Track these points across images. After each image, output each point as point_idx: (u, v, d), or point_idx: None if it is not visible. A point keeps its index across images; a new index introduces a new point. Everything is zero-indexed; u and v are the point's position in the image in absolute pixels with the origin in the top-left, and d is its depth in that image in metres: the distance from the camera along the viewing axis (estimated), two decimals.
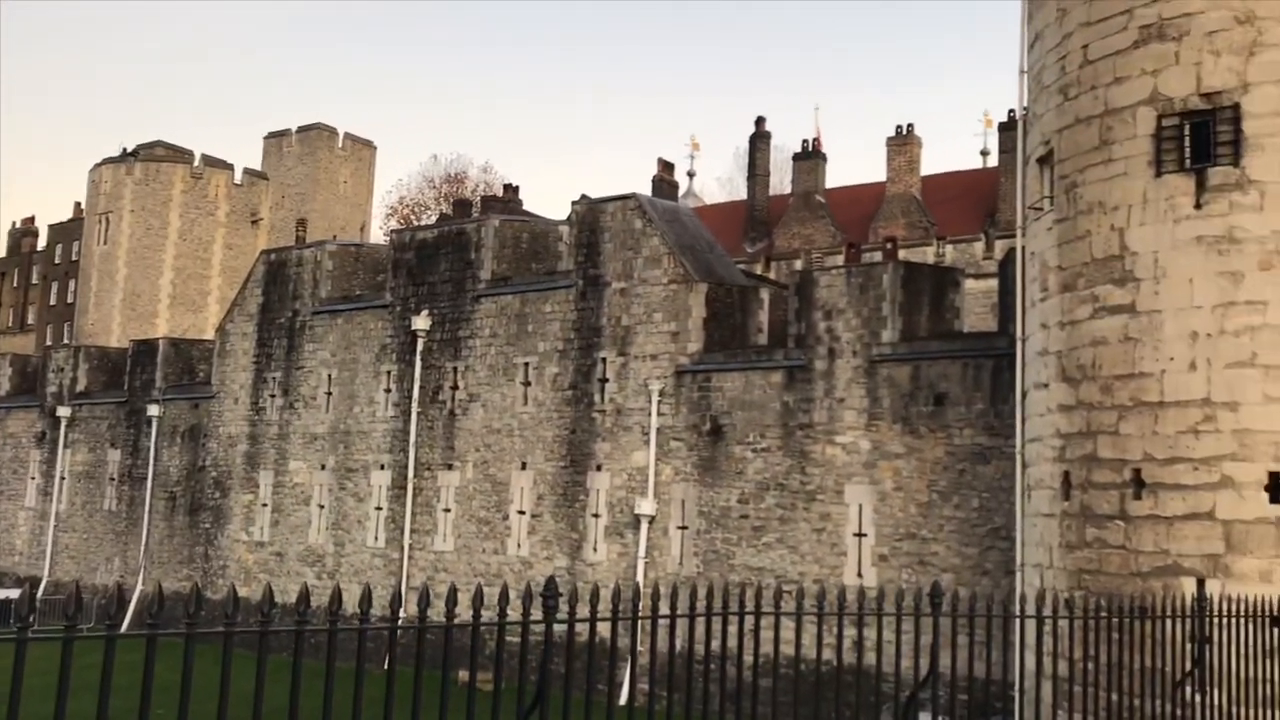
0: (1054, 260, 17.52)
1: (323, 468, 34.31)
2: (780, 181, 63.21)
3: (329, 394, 34.56)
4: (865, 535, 23.42)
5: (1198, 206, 15.60)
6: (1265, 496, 14.68)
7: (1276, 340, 14.90)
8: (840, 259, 46.95)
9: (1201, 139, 15.79)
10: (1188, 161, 15.84)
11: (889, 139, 53.40)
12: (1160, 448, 15.51)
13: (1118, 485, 15.92)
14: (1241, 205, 15.31)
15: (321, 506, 34.18)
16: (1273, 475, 14.67)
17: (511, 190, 50.06)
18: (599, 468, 28.08)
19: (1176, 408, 15.42)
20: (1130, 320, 16.06)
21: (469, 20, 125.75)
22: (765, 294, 28.06)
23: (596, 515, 27.99)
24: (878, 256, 44.67)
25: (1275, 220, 15.11)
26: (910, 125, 52.92)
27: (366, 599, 5.45)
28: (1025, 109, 19.54)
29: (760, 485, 25.19)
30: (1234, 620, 11.88)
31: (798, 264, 49.22)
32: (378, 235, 76.83)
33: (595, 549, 27.88)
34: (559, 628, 6.19)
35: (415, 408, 31.95)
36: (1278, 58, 15.33)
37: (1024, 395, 18.76)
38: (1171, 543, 15.24)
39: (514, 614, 6.03)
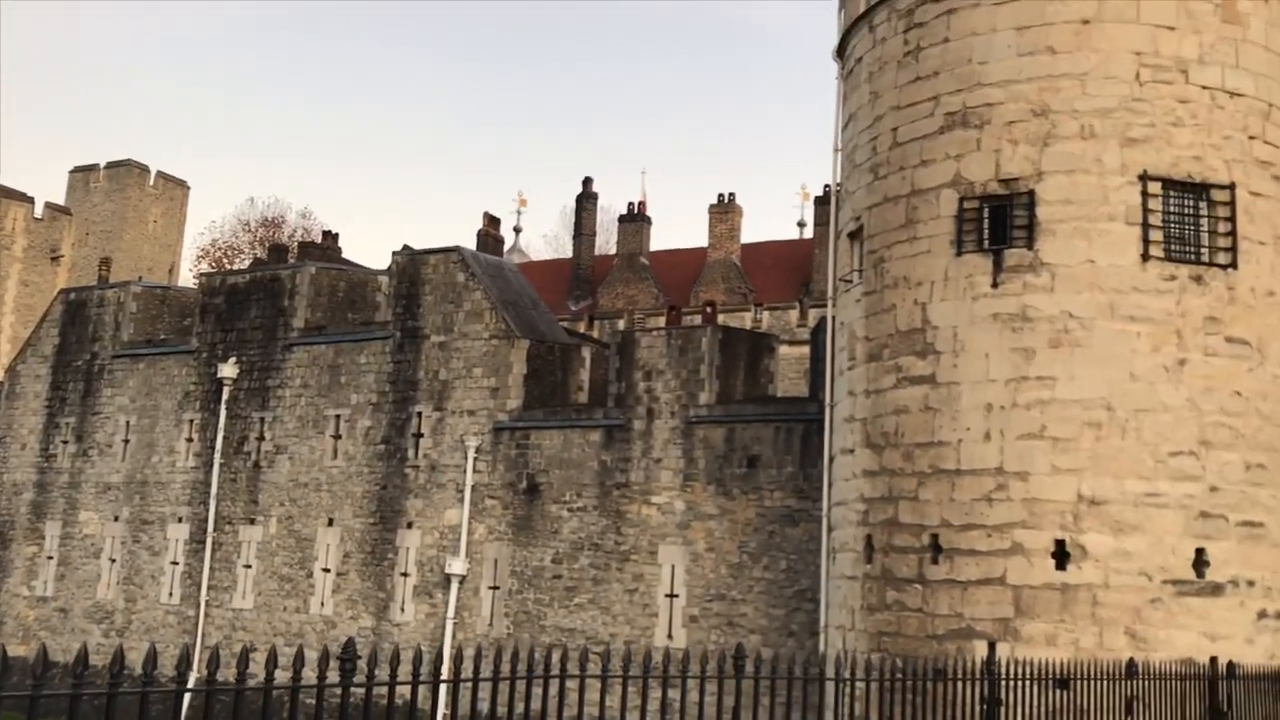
0: (862, 331, 18.18)
1: (116, 519, 32.51)
2: (606, 242, 63.91)
3: (126, 442, 32.88)
4: (677, 596, 23.56)
5: (994, 285, 16.47)
6: (1051, 563, 15.45)
7: (1064, 414, 15.78)
8: (662, 320, 47.63)
9: (999, 222, 16.71)
10: (986, 242, 16.72)
11: (711, 206, 54.69)
12: (957, 514, 16.17)
13: (917, 550, 16.50)
14: (1034, 286, 16.24)
15: (113, 560, 32.34)
16: (1059, 543, 15.46)
17: (331, 237, 49.01)
18: (410, 525, 27.48)
19: (972, 476, 16.13)
20: (931, 390, 16.76)
21: (296, 65, 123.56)
22: (587, 352, 28.17)
23: (405, 574, 27.34)
24: (698, 320, 45.53)
25: (1064, 301, 16.07)
26: (732, 194, 54.38)
27: (151, 659, 5.14)
28: (838, 185, 20.34)
29: (575, 545, 25.09)
30: (1022, 682, 12.40)
31: (620, 324, 49.69)
32: (187, 278, 73.96)
33: (403, 609, 27.19)
34: (358, 691, 5.98)
35: (218, 459, 30.69)
36: (1069, 149, 16.40)
37: (831, 460, 19.32)
38: (966, 606, 15.85)
39: (312, 676, 5.79)
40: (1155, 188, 16.25)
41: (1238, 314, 16.21)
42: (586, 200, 58.41)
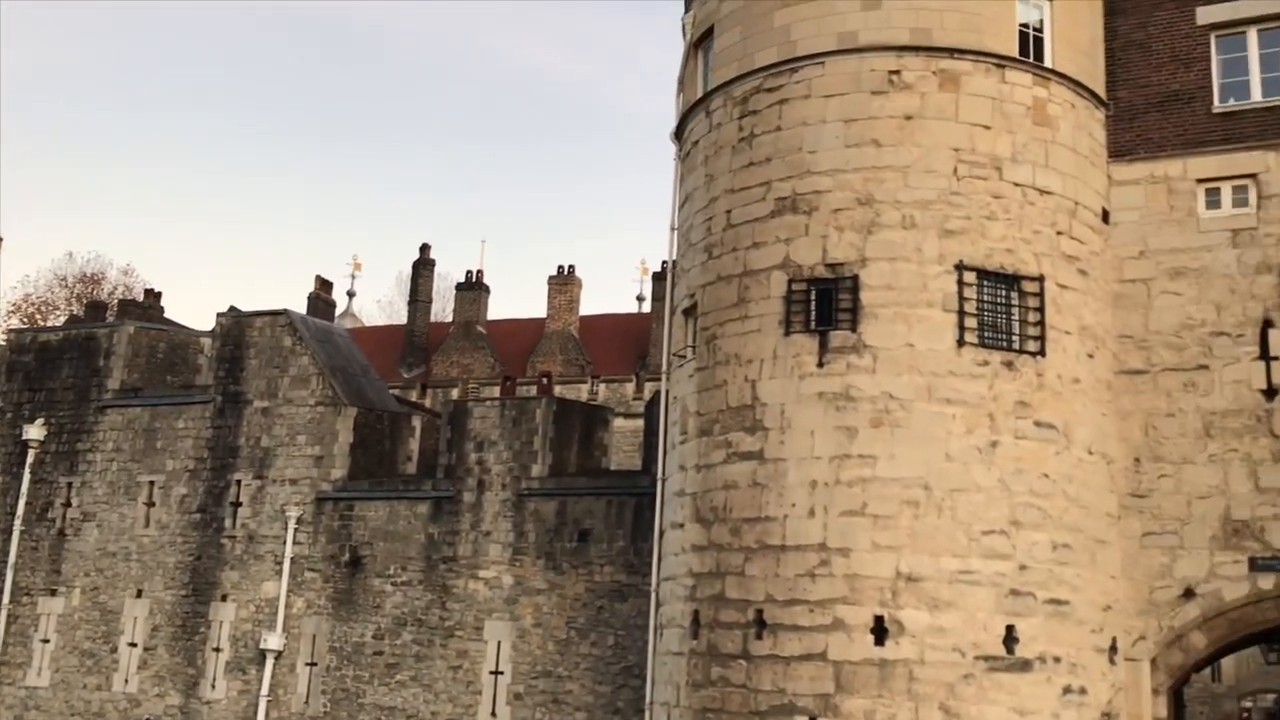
0: (694, 406, 18.40)
1: None
2: (442, 309, 63.33)
3: None
4: (502, 673, 23.10)
5: (820, 365, 16.93)
6: (870, 639, 15.76)
7: (884, 492, 16.24)
8: (496, 391, 47.28)
9: (826, 304, 17.24)
10: (813, 324, 17.21)
11: (551, 278, 54.92)
12: (781, 590, 16.38)
13: (742, 625, 16.62)
14: (857, 367, 16.75)
15: None
16: (878, 619, 15.80)
17: (153, 295, 47.07)
18: (225, 598, 26.28)
19: (797, 551, 16.39)
20: (759, 466, 17.04)
21: (118, 115, 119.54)
22: (417, 421, 27.68)
23: (218, 649, 26.07)
24: (533, 391, 45.37)
25: (885, 382, 16.61)
26: (572, 267, 54.76)
27: None
28: (675, 263, 20.68)
29: (398, 620, 24.40)
30: None
31: (454, 393, 49.10)
32: None
33: (214, 686, 25.88)
34: None
35: (18, 525, 28.84)
36: (891, 237, 17.09)
37: (662, 534, 19.38)
38: (788, 682, 16.00)
39: None
40: (970, 277, 17.03)
41: (1046, 399, 17.02)
42: (424, 266, 57.89)
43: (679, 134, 20.75)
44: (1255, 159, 18.36)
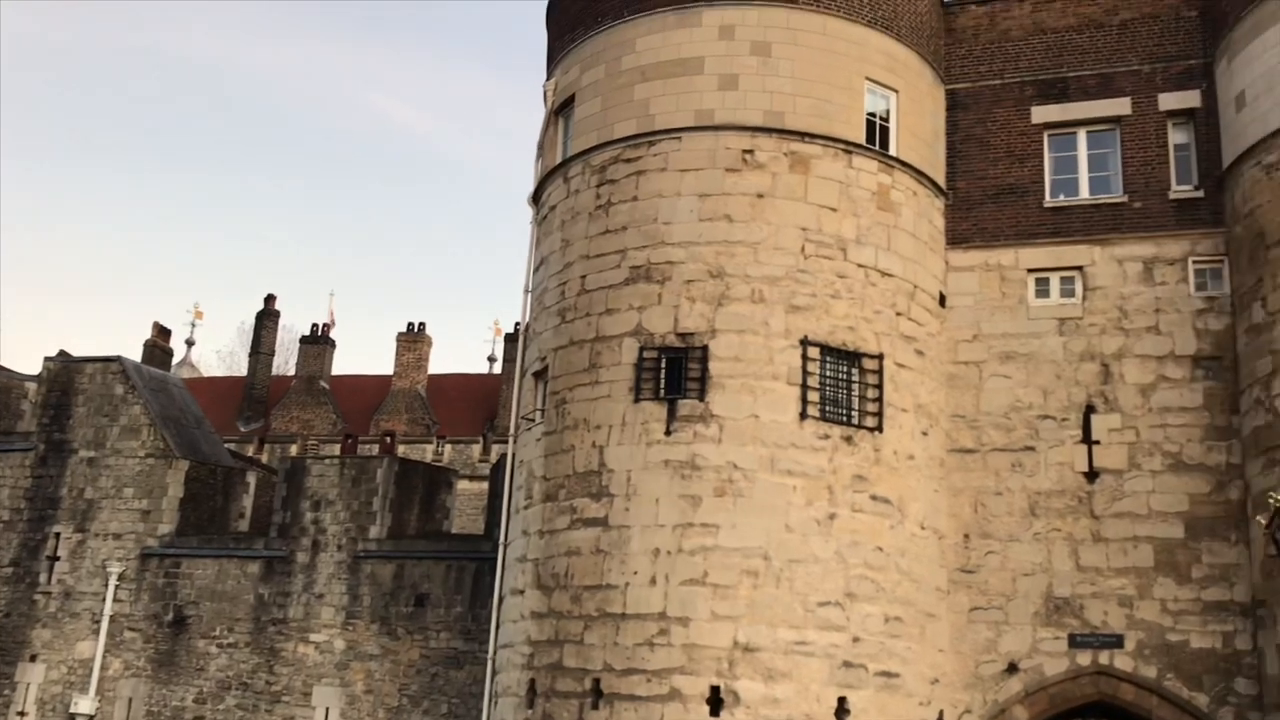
0: (540, 470, 18.30)
1: None
2: (285, 362, 61.77)
3: None
4: None
5: (668, 433, 17.07)
6: (706, 709, 15.79)
7: (725, 561, 16.38)
8: (337, 448, 46.15)
9: (675, 373, 17.44)
10: (663, 391, 17.38)
11: (400, 334, 54.16)
12: (619, 659, 16.29)
13: (579, 695, 16.44)
14: (704, 436, 16.95)
15: None
16: (714, 689, 15.84)
17: None
18: (34, 658, 24.76)
19: (637, 620, 16.36)
20: (603, 533, 17.00)
21: None
22: (252, 477, 26.77)
23: (23, 714, 24.47)
24: (376, 449, 44.45)
25: (730, 452, 16.84)
26: (422, 324, 54.13)
27: None
28: (528, 325, 20.66)
29: (222, 684, 23.35)
30: None
31: (293, 449, 47.75)
32: None
33: None
34: None
35: None
36: (740, 310, 17.44)
37: (501, 601, 19.11)
38: None
39: None
40: (815, 352, 17.49)
41: (882, 474, 17.50)
42: (267, 317, 56.46)
43: (536, 198, 20.85)
44: (1081, 252, 19.42)
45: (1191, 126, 19.52)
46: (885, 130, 19.29)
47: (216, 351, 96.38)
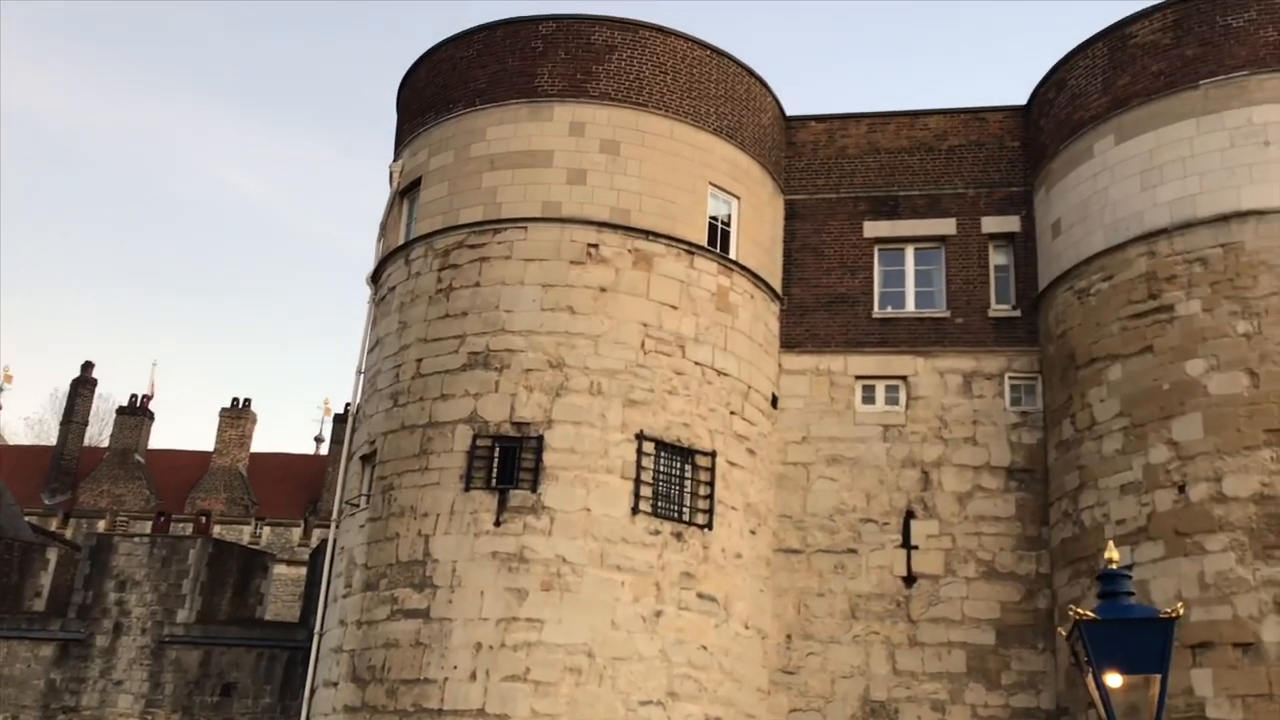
0: (362, 558, 17.76)
1: None
2: (100, 433, 58.77)
3: None
4: None
5: (497, 524, 16.82)
6: None
7: (549, 658, 16.10)
8: (149, 525, 43.94)
9: (509, 462, 17.26)
10: (494, 481, 17.16)
11: (223, 410, 52.30)
12: None
13: None
14: (534, 528, 16.76)
15: None
16: None
17: None
18: None
19: (454, 716, 15.89)
20: (424, 625, 16.54)
21: None
22: (53, 554, 25.23)
23: None
24: (190, 529, 42.50)
25: (560, 545, 16.69)
26: (248, 400, 52.41)
27: None
28: (358, 407, 20.20)
29: None
30: None
31: (101, 524, 45.29)
32: None
33: None
34: None
35: None
36: (578, 401, 17.45)
37: (313, 693, 18.32)
38: None
39: None
40: (650, 447, 17.59)
41: (710, 572, 17.59)
42: (83, 385, 53.82)
43: (376, 278, 20.58)
44: (906, 363, 20.17)
45: (1011, 249, 20.63)
46: (726, 234, 19.81)
47: (25, 419, 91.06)
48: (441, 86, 20.46)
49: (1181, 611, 7.36)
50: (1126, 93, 18.77)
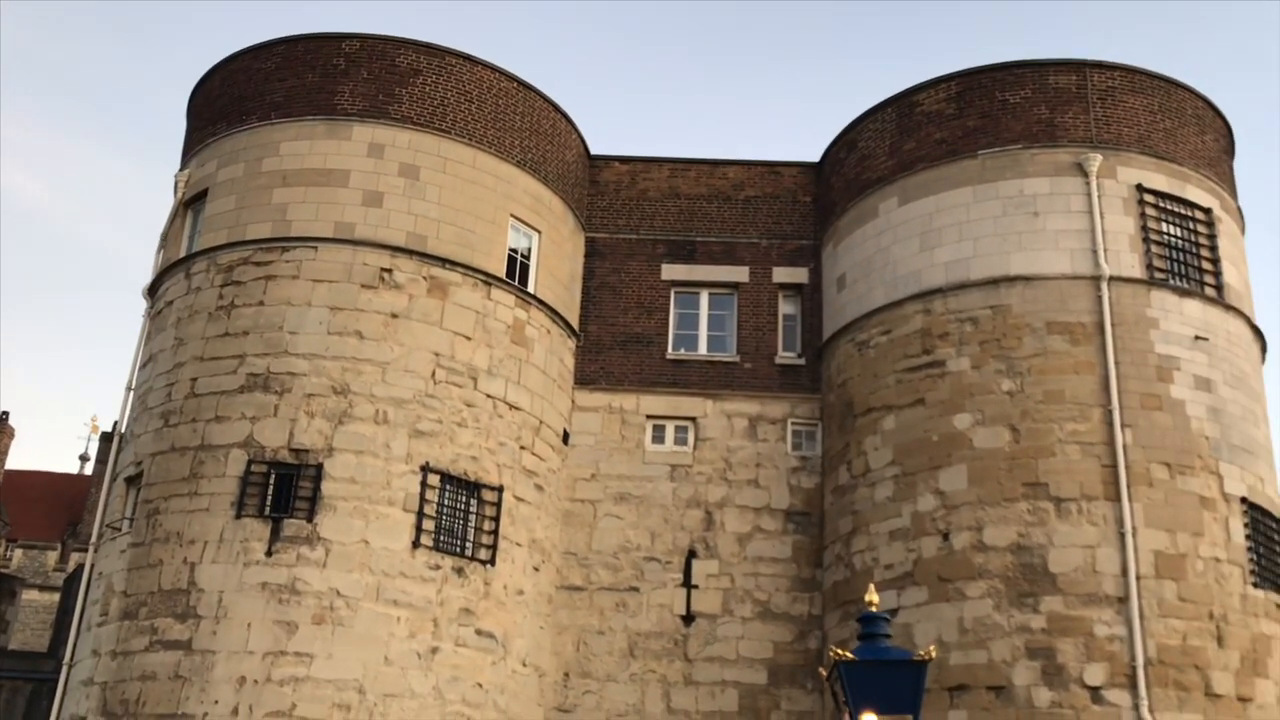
0: (121, 585, 16.76)
1: None
2: None
3: None
4: None
5: (269, 554, 16.15)
6: None
7: (316, 693, 15.52)
8: None
9: (284, 490, 16.63)
10: (268, 509, 16.48)
11: None
12: None
13: None
14: (308, 559, 16.17)
15: None
16: None
17: None
18: None
19: None
20: (185, 657, 15.70)
21: None
22: None
23: None
24: None
25: (335, 578, 16.14)
26: (6, 413, 48.95)
27: None
28: (127, 426, 19.13)
29: None
30: None
31: None
32: None
33: None
34: None
35: None
36: (361, 430, 16.98)
37: None
38: None
39: None
40: (435, 480, 17.27)
41: (490, 608, 17.35)
42: None
43: (153, 291, 19.58)
44: (696, 404, 20.51)
45: (799, 299, 21.32)
46: (525, 267, 19.75)
47: None
48: (236, 97, 19.74)
49: (934, 654, 7.67)
50: (911, 157, 19.73)
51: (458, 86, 19.57)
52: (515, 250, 19.65)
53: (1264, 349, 19.48)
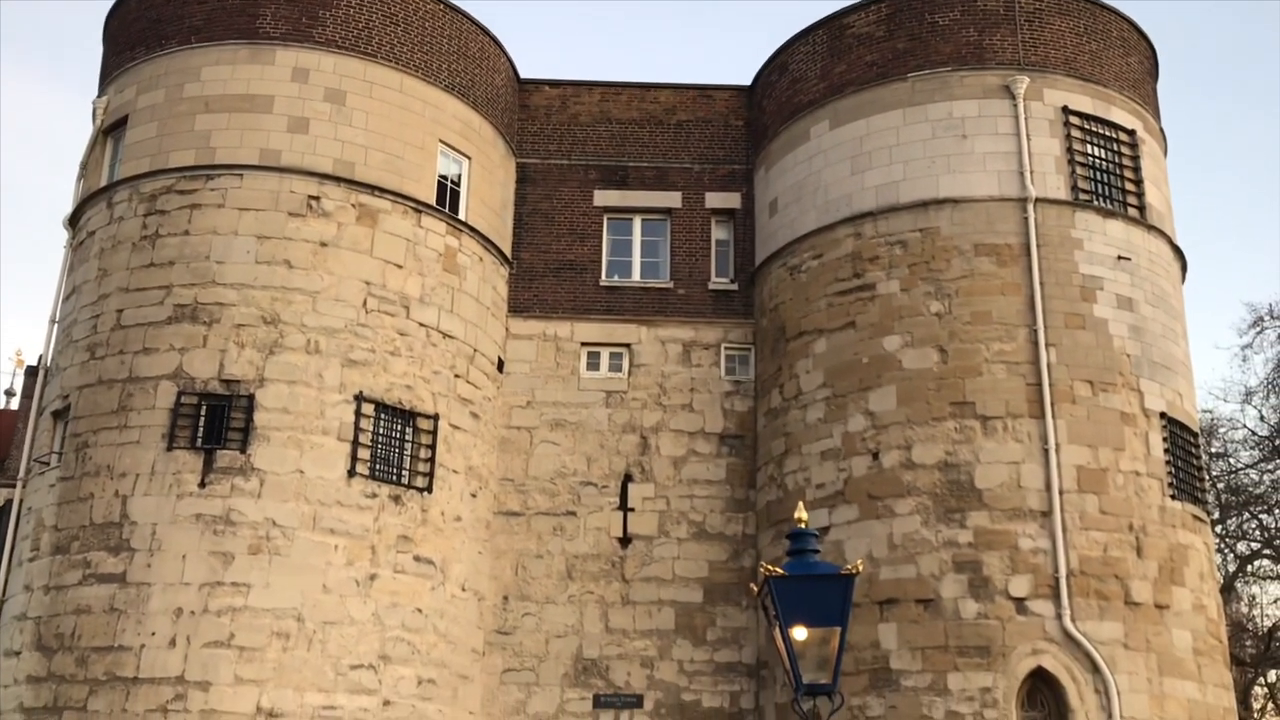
0: (52, 519, 16.59)
1: None
2: None
3: None
4: None
5: (202, 485, 16.06)
6: None
7: (255, 623, 15.55)
8: None
9: (217, 422, 16.49)
10: (200, 441, 16.36)
11: None
12: None
13: None
14: (242, 490, 16.11)
15: None
16: None
17: None
18: None
19: (150, 685, 15.13)
20: (119, 590, 15.64)
21: None
22: None
23: None
24: None
25: (270, 508, 16.11)
26: None
27: None
28: (52, 359, 18.79)
29: None
30: None
31: None
32: None
33: None
34: None
35: None
36: (294, 360, 16.84)
37: None
38: None
39: None
40: (369, 409, 17.22)
41: (428, 535, 17.44)
42: None
43: (74, 221, 19.13)
44: (630, 331, 20.58)
45: (732, 225, 21.38)
46: (456, 194, 19.56)
47: None
48: (154, 20, 19.16)
49: (861, 568, 7.87)
50: (842, 80, 19.75)
51: (383, 9, 19.17)
52: (445, 177, 19.44)
53: (1184, 268, 19.95)
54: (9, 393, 60.04)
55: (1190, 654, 16.57)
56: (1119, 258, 18.18)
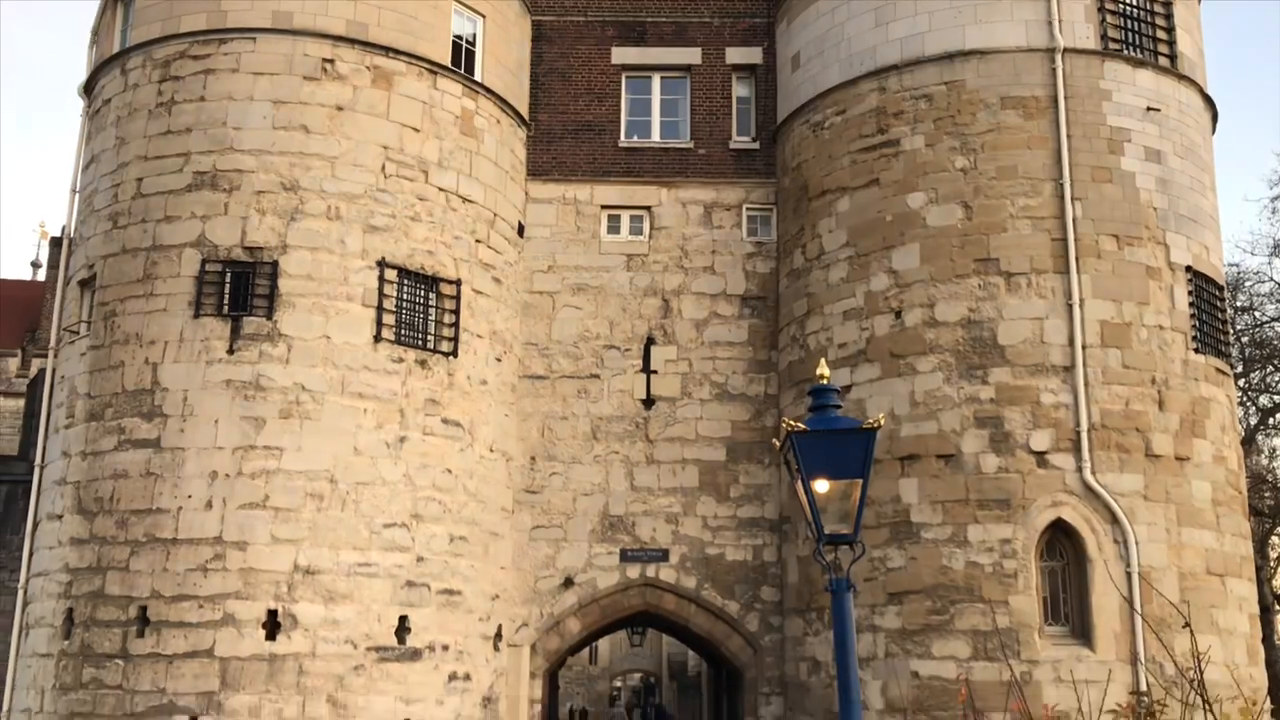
0: (84, 387, 16.88)
1: None
2: None
3: None
4: None
5: (231, 352, 16.25)
6: (262, 633, 15.37)
7: (288, 485, 15.92)
8: None
9: (241, 289, 16.59)
10: (226, 308, 16.49)
11: None
12: (169, 585, 15.48)
13: (122, 623, 15.48)
14: (270, 356, 16.30)
15: None
16: (271, 613, 15.44)
17: None
18: None
19: (189, 545, 15.58)
20: (154, 455, 15.99)
21: None
22: None
23: None
24: None
25: (298, 373, 16.32)
26: None
27: None
28: (75, 229, 18.85)
29: None
30: None
31: None
32: None
33: None
34: None
35: None
36: (315, 226, 16.83)
37: (36, 526, 17.53)
38: (169, 681, 15.15)
39: None
40: (392, 275, 17.27)
41: (455, 398, 17.67)
42: None
43: (89, 89, 18.96)
44: (650, 193, 20.42)
45: (753, 81, 20.97)
46: (471, 55, 19.22)
47: None
48: None
49: (882, 422, 7.96)
50: None
51: None
52: (460, 37, 19.08)
53: (1215, 118, 19.52)
54: (35, 264, 60.44)
55: (1209, 504, 16.77)
56: (1148, 109, 17.79)
